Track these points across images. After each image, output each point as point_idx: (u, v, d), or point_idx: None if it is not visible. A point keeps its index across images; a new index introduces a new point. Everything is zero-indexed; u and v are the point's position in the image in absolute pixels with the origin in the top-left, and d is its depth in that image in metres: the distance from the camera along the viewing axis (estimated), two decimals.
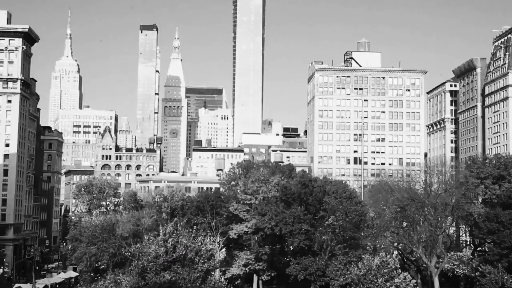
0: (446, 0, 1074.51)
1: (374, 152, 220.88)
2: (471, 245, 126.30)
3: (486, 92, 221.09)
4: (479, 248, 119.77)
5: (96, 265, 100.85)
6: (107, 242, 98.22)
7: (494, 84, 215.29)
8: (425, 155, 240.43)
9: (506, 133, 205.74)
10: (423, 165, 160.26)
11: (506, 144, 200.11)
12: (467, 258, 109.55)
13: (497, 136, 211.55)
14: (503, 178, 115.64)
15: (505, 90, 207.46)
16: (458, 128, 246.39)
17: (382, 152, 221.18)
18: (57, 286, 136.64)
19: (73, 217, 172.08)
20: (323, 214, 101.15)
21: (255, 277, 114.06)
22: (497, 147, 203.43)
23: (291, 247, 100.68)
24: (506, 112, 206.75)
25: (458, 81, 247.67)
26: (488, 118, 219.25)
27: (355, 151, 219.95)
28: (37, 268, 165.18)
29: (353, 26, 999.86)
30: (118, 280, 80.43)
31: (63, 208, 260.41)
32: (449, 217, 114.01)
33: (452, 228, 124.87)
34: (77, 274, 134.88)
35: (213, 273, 63.63)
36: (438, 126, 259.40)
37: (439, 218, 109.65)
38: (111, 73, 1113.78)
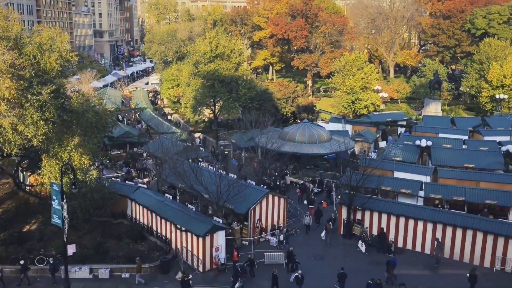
0: None
1: None
2: (418, 45, 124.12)
3: None
4: (423, 48, 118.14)
5: (165, 58, 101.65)
6: (171, 43, 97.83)
7: None
8: None
9: None
10: None
11: None
12: (414, 54, 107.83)
13: None
14: None
15: None
16: None
17: None
18: (140, 72, 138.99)
19: (147, 26, 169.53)
20: (317, 24, 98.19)
21: (270, 67, 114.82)
22: None
23: (295, 47, 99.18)
24: None
25: None
26: None
27: None
28: (126, 60, 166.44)
29: None
30: (180, 69, 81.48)
31: (140, 20, 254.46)
32: (404, 26, 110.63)
33: (405, 34, 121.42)
34: (153, 64, 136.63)
35: (242, 64, 63.58)
36: None
37: (397, 27, 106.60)
38: None
